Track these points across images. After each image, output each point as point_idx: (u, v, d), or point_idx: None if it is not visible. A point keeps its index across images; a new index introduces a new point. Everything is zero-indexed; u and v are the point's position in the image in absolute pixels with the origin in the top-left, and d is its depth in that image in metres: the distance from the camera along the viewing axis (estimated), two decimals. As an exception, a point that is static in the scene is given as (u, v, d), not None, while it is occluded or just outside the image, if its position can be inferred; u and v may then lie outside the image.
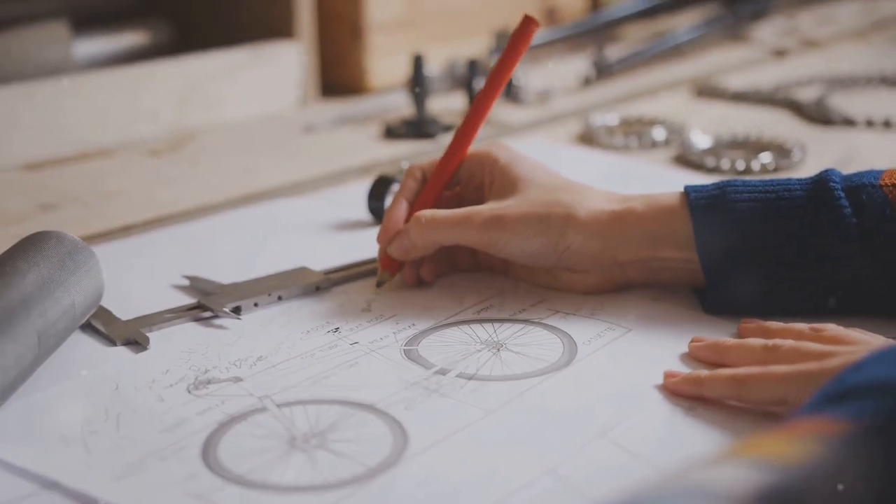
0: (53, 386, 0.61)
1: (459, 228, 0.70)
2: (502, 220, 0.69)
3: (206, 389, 0.61)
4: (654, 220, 0.68)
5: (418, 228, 0.70)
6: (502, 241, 0.69)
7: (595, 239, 0.68)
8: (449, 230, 0.70)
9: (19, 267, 0.62)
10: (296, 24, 1.20)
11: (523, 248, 0.69)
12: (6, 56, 1.07)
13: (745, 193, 0.67)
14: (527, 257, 0.70)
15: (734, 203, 0.67)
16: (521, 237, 0.69)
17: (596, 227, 0.68)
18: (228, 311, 0.70)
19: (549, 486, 0.52)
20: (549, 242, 0.69)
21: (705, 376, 0.59)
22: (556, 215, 0.68)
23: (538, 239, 0.69)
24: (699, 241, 0.67)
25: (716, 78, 1.32)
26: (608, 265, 0.69)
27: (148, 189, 0.95)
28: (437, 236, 0.70)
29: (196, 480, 0.52)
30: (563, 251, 0.69)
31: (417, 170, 0.74)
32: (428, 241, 0.70)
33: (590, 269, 0.70)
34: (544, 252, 0.69)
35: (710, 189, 0.68)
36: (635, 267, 0.69)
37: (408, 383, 0.61)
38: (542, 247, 0.69)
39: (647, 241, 0.68)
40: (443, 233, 0.70)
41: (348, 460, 0.54)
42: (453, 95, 1.20)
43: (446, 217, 0.70)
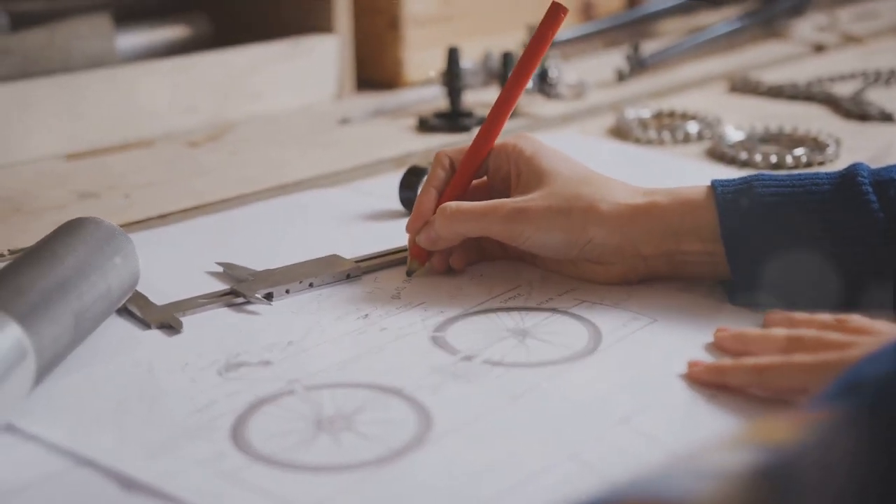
0: (89, 367, 0.63)
1: (483, 221, 0.71)
2: (525, 214, 0.70)
3: (237, 373, 0.62)
4: (678, 213, 0.68)
5: (443, 220, 0.71)
6: (525, 234, 0.70)
7: (617, 232, 0.69)
8: (473, 222, 0.71)
9: (57, 251, 0.64)
10: (333, 18, 1.21)
11: (545, 241, 0.70)
12: (50, 48, 1.09)
13: (771, 187, 0.67)
14: (549, 250, 0.71)
15: (761, 196, 0.67)
16: (543, 231, 0.70)
17: (618, 220, 0.69)
18: (260, 297, 0.71)
19: (571, 471, 0.52)
20: (570, 236, 0.69)
21: (728, 365, 0.60)
22: (578, 209, 0.69)
23: (560, 233, 0.69)
24: (725, 233, 0.67)
25: (752, 73, 1.32)
26: (631, 258, 0.70)
27: (185, 179, 0.97)
28: (462, 228, 0.71)
29: (225, 459, 0.53)
30: (585, 244, 0.70)
31: (445, 158, 0.75)
32: (453, 233, 0.72)
33: (613, 261, 0.70)
34: (566, 245, 0.70)
35: (736, 183, 0.68)
36: (659, 260, 0.70)
37: (434, 369, 0.62)
38: (563, 240, 0.70)
39: (671, 234, 0.69)
40: (467, 225, 0.71)
41: (372, 442, 0.55)
42: (488, 89, 1.20)
43: (471, 209, 0.71)
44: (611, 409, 0.58)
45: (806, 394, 0.56)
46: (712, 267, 0.69)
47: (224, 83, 1.14)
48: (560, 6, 0.73)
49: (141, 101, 1.09)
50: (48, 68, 1.07)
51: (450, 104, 1.13)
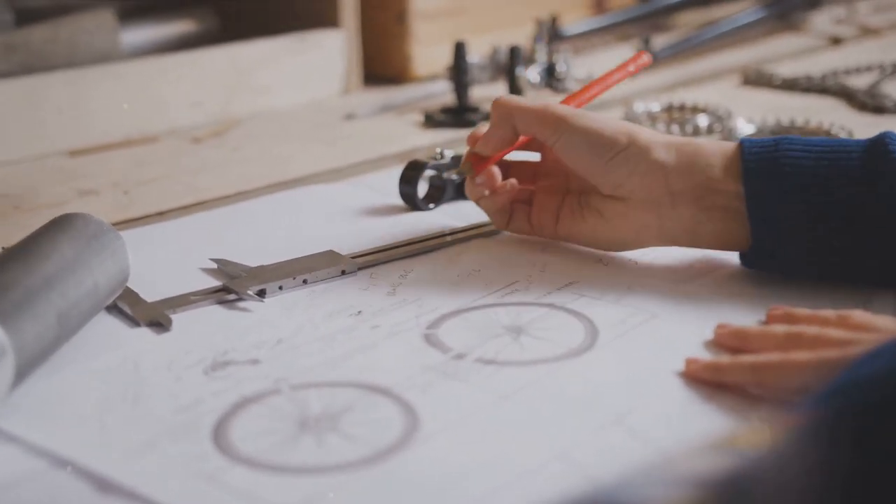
0: (74, 365, 0.62)
1: (532, 111, 0.72)
2: (573, 109, 0.72)
3: (224, 371, 0.61)
4: (714, 152, 0.69)
5: (497, 106, 0.74)
6: (567, 126, 0.71)
7: (653, 153, 0.69)
8: (523, 112, 0.72)
9: (42, 248, 0.63)
10: (340, 13, 1.20)
11: (587, 139, 0.70)
12: (54, 44, 1.09)
13: (799, 144, 0.67)
14: (585, 151, 0.70)
15: (787, 150, 0.67)
16: (590, 125, 0.70)
17: (658, 143, 0.70)
18: (252, 294, 0.70)
19: (560, 471, 0.51)
20: (613, 137, 0.70)
21: (726, 363, 0.58)
22: (622, 124, 0.71)
23: (604, 132, 0.70)
24: (746, 178, 0.67)
25: (767, 66, 1.30)
26: (658, 191, 0.69)
27: (187, 176, 0.96)
28: (514, 114, 0.73)
29: (205, 460, 0.52)
30: (622, 151, 0.69)
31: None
32: (504, 120, 0.73)
33: (638, 193, 0.70)
34: (605, 147, 0.70)
35: (764, 139, 0.68)
36: (686, 198, 0.69)
37: (425, 367, 0.61)
38: (605, 140, 0.70)
39: (705, 166, 0.68)
40: (517, 113, 0.72)
41: (357, 443, 0.53)
42: (495, 84, 1.19)
43: (523, 99, 0.74)
44: (603, 407, 0.56)
45: (805, 393, 0.54)
46: (740, 219, 0.68)
47: (230, 78, 1.13)
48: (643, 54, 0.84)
49: (146, 97, 1.08)
50: (53, 64, 1.07)
51: (457, 99, 1.11)
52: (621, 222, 0.71)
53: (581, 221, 0.74)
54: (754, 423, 0.37)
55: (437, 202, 0.86)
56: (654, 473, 0.33)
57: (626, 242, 0.73)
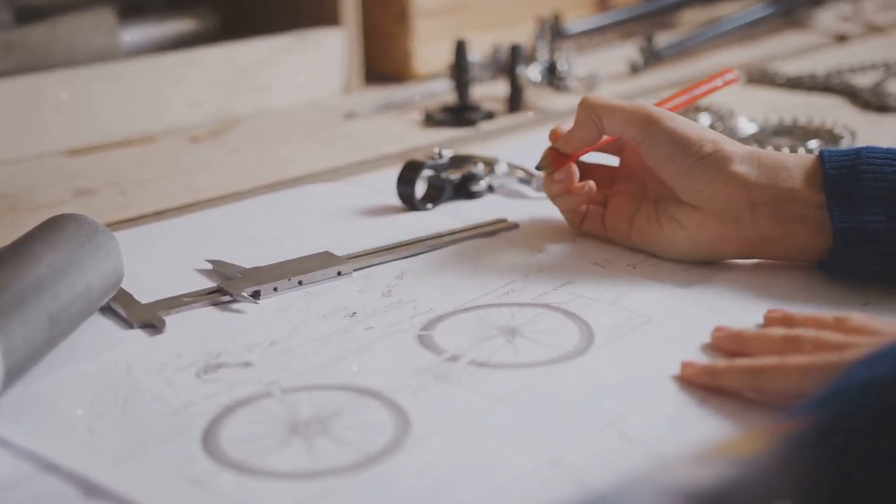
0: (66, 367, 0.61)
1: (620, 110, 0.72)
2: (663, 110, 0.72)
3: (216, 374, 0.60)
4: (795, 163, 0.69)
5: (584, 105, 0.73)
6: (654, 126, 0.70)
7: (735, 163, 0.69)
8: (611, 110, 0.72)
9: (35, 250, 0.63)
10: (341, 11, 1.19)
11: (673, 140, 0.70)
12: (53, 43, 1.08)
13: (881, 153, 0.67)
14: (670, 152, 0.70)
15: (869, 158, 0.66)
16: (678, 127, 0.70)
17: (741, 153, 0.69)
18: (247, 295, 0.69)
19: (552, 475, 0.50)
20: (699, 141, 0.70)
21: (722, 366, 0.57)
22: (708, 131, 0.71)
23: (691, 135, 0.70)
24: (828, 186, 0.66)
25: (771, 64, 1.29)
26: (737, 202, 0.68)
27: (185, 176, 0.96)
28: (601, 113, 0.72)
29: (194, 465, 0.52)
30: (705, 157, 0.69)
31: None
32: (590, 119, 0.73)
33: (716, 202, 0.69)
34: (690, 151, 0.69)
35: (845, 150, 0.68)
36: (766, 209, 0.68)
37: (417, 370, 0.60)
38: (691, 143, 0.70)
39: (787, 177, 0.68)
40: (605, 112, 0.72)
41: (347, 447, 0.53)
42: (497, 82, 1.18)
43: (610, 99, 0.73)
44: (597, 411, 0.55)
45: (801, 397, 0.53)
46: (819, 229, 0.67)
47: (229, 78, 1.12)
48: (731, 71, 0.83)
49: (145, 97, 1.07)
50: (51, 63, 1.06)
51: (457, 98, 1.11)
52: (699, 232, 0.70)
53: (658, 229, 0.73)
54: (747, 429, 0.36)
55: (436, 202, 0.85)
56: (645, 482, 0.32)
57: (702, 253, 0.72)
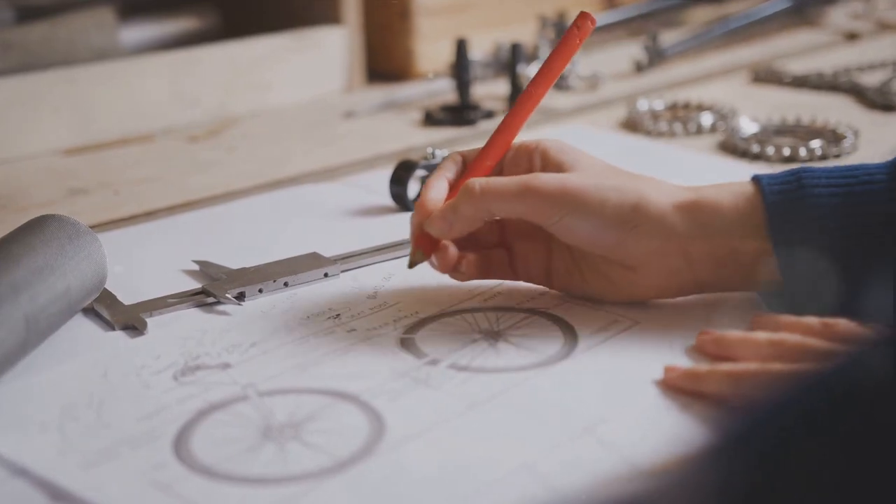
0: (43, 370, 0.61)
1: (519, 197, 0.62)
2: (568, 187, 0.61)
3: (193, 376, 0.60)
4: (729, 207, 0.62)
5: (470, 198, 0.62)
6: (564, 210, 0.61)
7: (667, 224, 0.62)
8: (506, 200, 0.62)
9: (13, 251, 0.62)
10: (343, 10, 1.19)
11: (589, 222, 0.61)
12: (52, 42, 1.08)
13: (822, 179, 0.61)
14: (589, 234, 0.62)
15: (810, 188, 0.61)
16: (591, 206, 0.61)
17: (670, 210, 0.62)
18: (231, 297, 0.69)
19: (524, 482, 0.49)
20: (619, 215, 0.61)
21: (704, 371, 0.56)
22: (628, 190, 0.62)
23: (608, 211, 0.61)
24: (773, 232, 0.61)
25: (778, 63, 1.28)
26: (675, 260, 0.62)
27: (180, 175, 0.95)
28: (493, 205, 0.62)
29: (163, 469, 0.51)
30: (633, 229, 0.61)
31: (458, 155, 0.68)
32: (480, 212, 0.63)
33: (652, 263, 0.63)
34: (612, 227, 0.61)
35: (783, 176, 0.62)
36: (706, 263, 0.62)
37: (396, 374, 0.59)
38: (610, 220, 0.61)
39: (724, 229, 0.62)
40: (499, 203, 0.62)
41: (319, 452, 0.52)
42: (498, 81, 1.17)
43: (504, 184, 0.62)
44: (575, 417, 0.54)
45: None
46: (763, 272, 0.62)
47: (229, 77, 1.12)
48: (588, 16, 0.67)
49: (143, 96, 1.07)
50: (50, 62, 1.06)
51: (458, 97, 1.10)
52: (632, 288, 0.64)
53: (581, 282, 0.66)
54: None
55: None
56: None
57: (636, 301, 0.66)
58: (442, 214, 0.63)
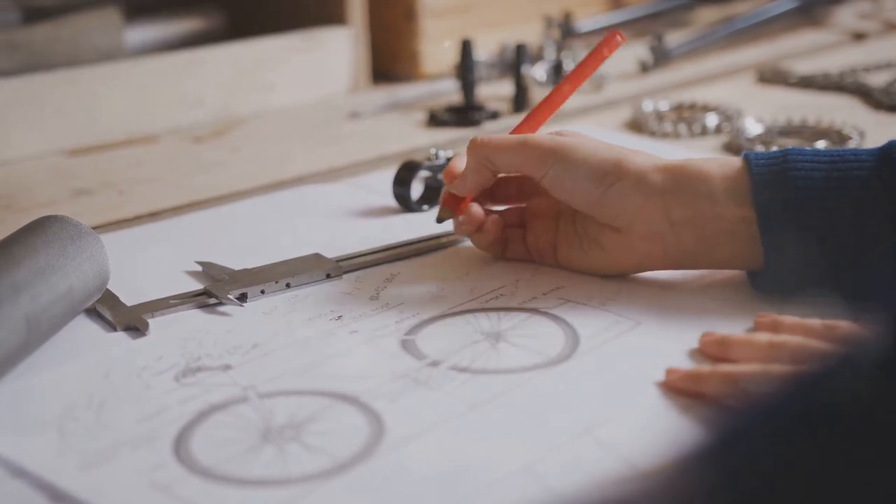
0: (45, 371, 0.61)
1: (513, 148, 0.68)
2: (557, 141, 0.67)
3: (194, 378, 0.60)
4: (715, 173, 0.65)
5: (473, 148, 0.69)
6: (552, 161, 0.67)
7: (647, 181, 0.65)
8: (503, 150, 0.68)
9: (14, 252, 0.62)
10: (348, 11, 1.19)
11: (574, 173, 0.66)
12: (57, 43, 1.08)
13: (808, 156, 0.63)
14: (574, 185, 0.67)
15: (796, 163, 0.63)
16: (577, 158, 0.66)
17: (652, 169, 0.65)
18: (233, 298, 0.69)
19: (523, 482, 0.49)
20: (602, 168, 0.66)
21: (705, 372, 0.56)
22: (613, 148, 0.67)
23: (591, 163, 0.66)
24: (757, 199, 0.63)
25: (784, 63, 1.27)
26: (657, 220, 0.65)
27: (184, 175, 0.95)
28: (492, 155, 0.69)
29: (162, 470, 0.51)
30: (614, 182, 0.65)
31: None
32: (482, 162, 0.69)
33: (636, 223, 0.66)
34: (595, 179, 0.66)
35: (771, 153, 0.65)
36: (688, 227, 0.65)
37: (397, 375, 0.59)
38: (594, 172, 0.66)
39: (706, 192, 0.64)
40: (496, 153, 0.68)
41: (318, 454, 0.52)
42: (503, 82, 1.17)
43: (501, 137, 0.69)
44: (574, 419, 0.54)
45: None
46: (748, 242, 0.64)
47: (234, 77, 1.12)
48: (617, 33, 0.74)
49: (147, 96, 1.07)
50: (55, 63, 1.06)
51: (463, 98, 1.10)
52: (622, 254, 0.68)
53: (581, 253, 0.70)
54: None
55: (432, 204, 0.85)
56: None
57: (628, 271, 0.69)
58: (460, 177, 0.71)
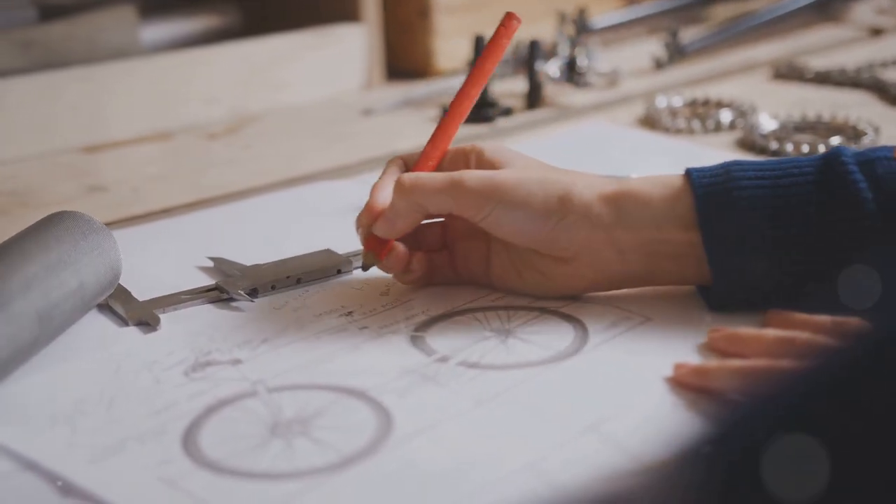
0: (56, 365, 0.61)
1: (449, 192, 0.63)
2: (495, 181, 0.62)
3: (203, 372, 0.60)
4: (656, 198, 0.63)
5: (401, 192, 0.64)
6: (492, 204, 0.62)
7: (593, 215, 0.62)
8: (436, 194, 0.63)
9: (26, 248, 0.63)
10: (362, 8, 1.19)
11: (517, 214, 0.62)
12: (73, 40, 1.09)
13: (750, 171, 0.62)
14: (517, 227, 0.63)
15: (739, 181, 0.62)
16: (518, 199, 0.62)
17: (596, 200, 0.63)
18: (244, 293, 0.69)
19: (528, 478, 0.49)
20: (545, 207, 0.62)
21: (712, 367, 0.56)
22: (554, 181, 0.63)
23: (534, 203, 0.62)
24: (702, 219, 0.62)
25: (800, 59, 1.27)
26: (604, 250, 0.63)
27: (197, 172, 0.96)
28: (423, 200, 0.64)
29: (170, 465, 0.51)
30: (560, 220, 0.62)
31: (398, 159, 0.70)
32: (412, 206, 0.64)
33: (583, 255, 0.64)
34: (539, 219, 0.62)
35: (713, 168, 0.63)
36: (636, 254, 0.63)
37: (406, 371, 0.59)
38: (537, 212, 0.62)
39: (650, 219, 0.62)
40: (429, 197, 0.63)
41: (326, 448, 0.52)
42: (517, 78, 1.17)
43: (432, 179, 0.64)
44: (581, 414, 0.54)
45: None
46: (695, 263, 0.63)
47: (248, 74, 1.12)
48: (513, 16, 0.69)
49: (162, 94, 1.08)
50: (70, 60, 1.07)
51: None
52: (566, 281, 0.65)
53: (519, 279, 0.66)
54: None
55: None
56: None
57: (573, 294, 0.66)
58: (384, 217, 0.65)
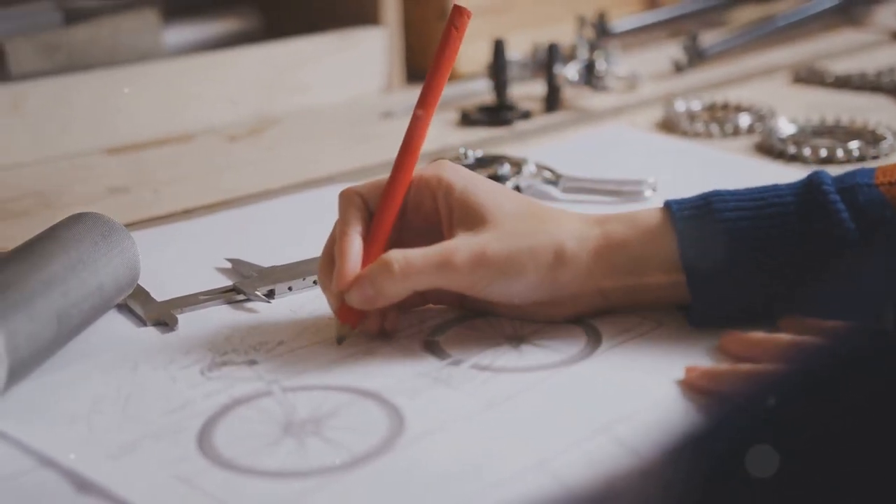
0: (75, 364, 0.62)
1: (439, 273, 0.61)
2: (486, 257, 0.61)
3: (220, 372, 0.61)
4: (638, 243, 0.62)
5: (391, 277, 0.60)
6: (485, 281, 0.61)
7: (584, 271, 0.62)
8: (426, 276, 0.61)
9: (47, 248, 0.64)
10: (382, 11, 1.19)
11: (511, 287, 0.62)
12: (96, 43, 1.10)
13: (731, 202, 0.62)
14: (510, 296, 0.63)
15: (720, 213, 0.62)
16: (511, 275, 0.61)
17: (585, 257, 0.62)
18: (261, 294, 0.70)
19: (538, 479, 0.50)
20: (539, 279, 0.62)
21: (723, 370, 0.57)
22: (545, 248, 0.62)
23: (528, 277, 0.62)
24: (685, 258, 0.62)
25: (821, 63, 1.26)
26: (591, 294, 0.63)
27: (218, 174, 0.97)
28: (414, 283, 0.61)
29: (185, 462, 0.52)
30: (552, 283, 0.62)
31: (356, 196, 0.65)
32: (402, 290, 0.61)
33: (568, 302, 0.64)
34: (533, 290, 0.62)
35: (693, 200, 0.63)
36: (618, 294, 0.64)
37: (419, 373, 0.60)
38: (531, 284, 0.62)
39: (633, 266, 0.63)
40: (420, 279, 0.61)
41: (337, 447, 0.53)
42: (536, 82, 1.17)
43: (423, 261, 0.61)
44: (591, 417, 0.55)
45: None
46: (676, 295, 0.63)
47: (269, 77, 1.13)
48: (462, 9, 0.65)
49: (183, 96, 1.09)
50: (94, 63, 1.08)
51: (495, 97, 1.10)
52: (545, 316, 0.65)
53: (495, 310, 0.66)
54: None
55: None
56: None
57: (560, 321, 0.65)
58: (360, 289, 0.61)
